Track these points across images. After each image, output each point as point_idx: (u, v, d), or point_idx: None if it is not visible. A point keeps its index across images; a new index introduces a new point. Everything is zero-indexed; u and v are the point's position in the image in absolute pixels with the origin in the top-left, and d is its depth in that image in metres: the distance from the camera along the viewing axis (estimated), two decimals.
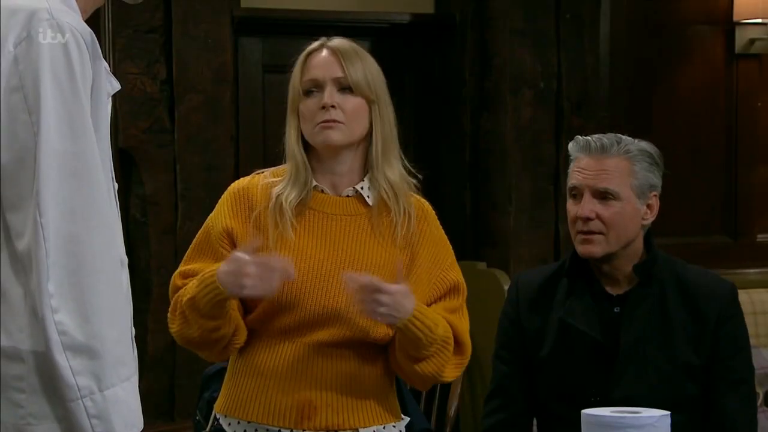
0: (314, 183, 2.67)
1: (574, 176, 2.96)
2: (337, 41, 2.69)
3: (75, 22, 2.01)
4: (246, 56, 5.27)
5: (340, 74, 2.65)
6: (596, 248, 2.92)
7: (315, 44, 2.70)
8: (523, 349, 3.01)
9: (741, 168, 5.89)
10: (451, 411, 4.67)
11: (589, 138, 2.96)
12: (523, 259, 5.25)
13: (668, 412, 2.47)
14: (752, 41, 5.79)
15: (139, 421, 2.04)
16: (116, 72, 4.87)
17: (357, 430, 2.64)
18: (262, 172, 2.73)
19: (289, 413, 2.61)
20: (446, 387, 4.74)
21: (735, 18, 5.78)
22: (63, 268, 1.94)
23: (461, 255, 5.46)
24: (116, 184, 2.16)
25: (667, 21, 5.76)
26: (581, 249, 2.94)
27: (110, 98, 2.15)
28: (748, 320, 5.29)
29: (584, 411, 2.50)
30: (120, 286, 2.04)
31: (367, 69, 2.68)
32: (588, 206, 2.92)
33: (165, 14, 4.94)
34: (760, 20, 5.75)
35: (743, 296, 5.19)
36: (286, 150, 2.69)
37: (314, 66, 2.66)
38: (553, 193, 5.46)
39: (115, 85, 2.16)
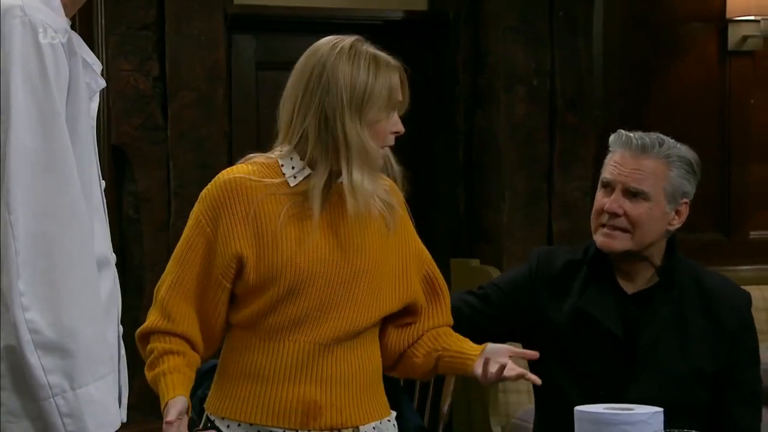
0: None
1: (609, 170, 2.96)
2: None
3: (49, 19, 1.99)
4: (239, 53, 5.27)
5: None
6: (617, 244, 2.92)
7: (393, 62, 2.72)
8: (515, 306, 3.01)
9: (734, 165, 5.90)
10: (445, 409, 4.67)
11: (631, 134, 2.96)
12: (517, 256, 5.25)
13: (661, 409, 2.47)
14: (745, 38, 5.80)
15: (114, 421, 2.03)
16: (109, 69, 4.87)
17: (357, 428, 2.64)
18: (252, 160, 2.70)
19: (295, 414, 2.59)
20: (439, 385, 4.74)
21: (728, 15, 5.79)
22: (34, 266, 1.93)
23: (455, 252, 5.49)
24: (103, 182, 2.15)
25: (660, 19, 5.77)
26: (601, 241, 2.94)
27: (97, 95, 2.14)
28: None
29: (577, 408, 2.50)
30: (95, 285, 2.02)
31: None
32: (617, 202, 2.91)
33: (158, 11, 4.94)
34: (752, 17, 5.76)
35: None
36: (359, 146, 2.58)
37: (401, 92, 2.68)
38: (547, 190, 5.46)
39: (100, 83, 2.15)
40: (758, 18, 5.76)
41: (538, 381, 2.59)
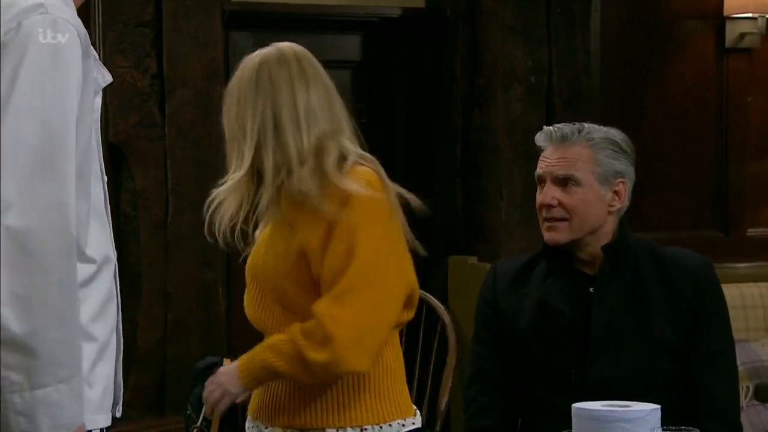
0: None
1: (539, 165, 3.02)
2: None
3: (71, 17, 1.99)
4: (236, 51, 5.26)
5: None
6: (560, 235, 2.96)
7: None
8: (500, 332, 3.03)
9: (732, 162, 5.90)
10: (442, 405, 4.67)
11: (551, 128, 3.01)
12: (514, 253, 5.25)
13: (658, 406, 2.47)
14: (742, 36, 5.80)
15: (73, 423, 2.00)
16: (107, 66, 4.84)
17: (324, 429, 2.62)
18: None
19: (266, 409, 2.66)
20: (437, 382, 4.74)
21: (725, 12, 5.79)
22: (14, 262, 1.92)
23: (453, 250, 5.50)
24: (105, 177, 2.15)
25: (657, 16, 5.77)
26: (546, 236, 2.98)
27: (100, 91, 2.13)
28: (738, 314, 5.32)
29: (574, 405, 2.50)
30: (72, 287, 1.99)
31: (235, 114, 2.64)
32: (550, 193, 2.96)
33: (155, 8, 4.94)
34: (750, 15, 5.77)
35: (734, 290, 5.22)
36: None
37: None
38: None
39: (107, 78, 2.15)
40: (756, 15, 5.76)
41: None
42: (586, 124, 3.00)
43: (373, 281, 2.52)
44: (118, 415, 2.18)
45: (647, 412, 2.42)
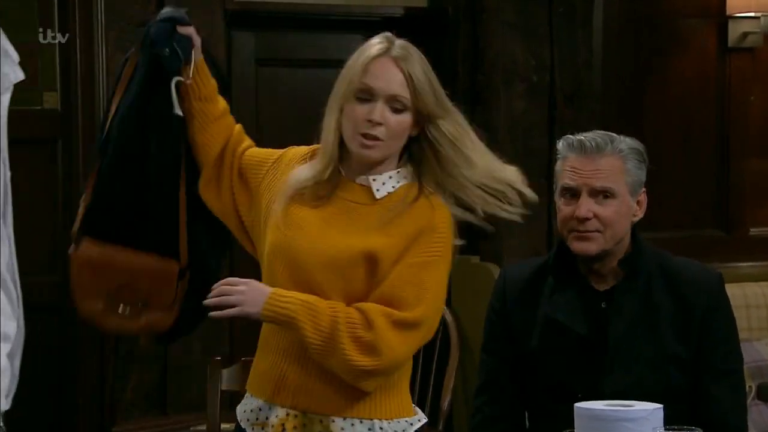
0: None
1: (568, 176, 2.94)
2: (401, 50, 2.70)
3: None
4: (238, 50, 5.26)
5: (399, 92, 2.62)
6: (592, 246, 2.91)
7: (378, 48, 2.68)
8: (509, 341, 3.01)
9: (733, 161, 5.90)
10: (445, 405, 4.67)
11: (582, 138, 2.94)
12: (516, 252, 5.25)
13: (660, 406, 2.47)
14: (745, 35, 5.80)
15: None
16: (109, 65, 4.85)
17: (328, 416, 2.56)
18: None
19: (268, 384, 2.60)
20: (439, 381, 4.74)
21: (728, 12, 5.79)
22: None
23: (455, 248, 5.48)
24: (8, 172, 2.12)
25: (660, 14, 5.77)
26: (576, 246, 2.92)
27: (10, 88, 2.10)
28: (741, 314, 5.32)
29: (577, 405, 2.50)
30: None
31: (434, 86, 2.72)
32: (585, 206, 2.90)
33: (157, 7, 4.93)
34: (752, 14, 5.76)
35: (736, 290, 5.22)
36: (323, 138, 2.64)
37: (375, 75, 2.62)
38: (546, 186, 5.45)
39: (19, 75, 2.12)
40: (758, 14, 5.76)
41: None
42: (611, 133, 2.96)
43: (429, 327, 2.60)
44: (8, 407, 2.17)
45: (649, 411, 2.42)
